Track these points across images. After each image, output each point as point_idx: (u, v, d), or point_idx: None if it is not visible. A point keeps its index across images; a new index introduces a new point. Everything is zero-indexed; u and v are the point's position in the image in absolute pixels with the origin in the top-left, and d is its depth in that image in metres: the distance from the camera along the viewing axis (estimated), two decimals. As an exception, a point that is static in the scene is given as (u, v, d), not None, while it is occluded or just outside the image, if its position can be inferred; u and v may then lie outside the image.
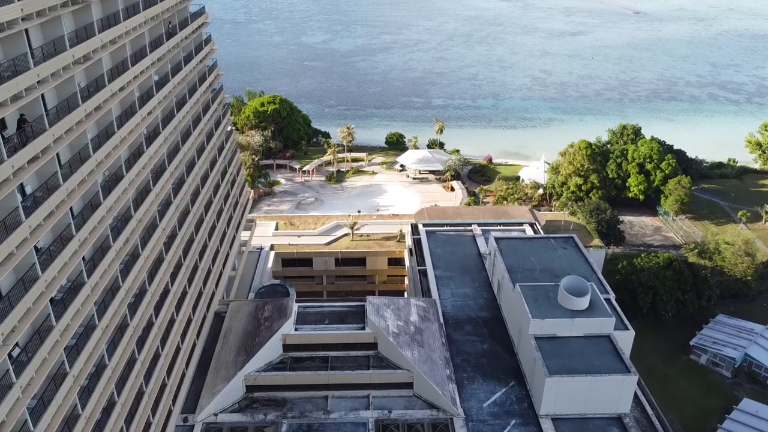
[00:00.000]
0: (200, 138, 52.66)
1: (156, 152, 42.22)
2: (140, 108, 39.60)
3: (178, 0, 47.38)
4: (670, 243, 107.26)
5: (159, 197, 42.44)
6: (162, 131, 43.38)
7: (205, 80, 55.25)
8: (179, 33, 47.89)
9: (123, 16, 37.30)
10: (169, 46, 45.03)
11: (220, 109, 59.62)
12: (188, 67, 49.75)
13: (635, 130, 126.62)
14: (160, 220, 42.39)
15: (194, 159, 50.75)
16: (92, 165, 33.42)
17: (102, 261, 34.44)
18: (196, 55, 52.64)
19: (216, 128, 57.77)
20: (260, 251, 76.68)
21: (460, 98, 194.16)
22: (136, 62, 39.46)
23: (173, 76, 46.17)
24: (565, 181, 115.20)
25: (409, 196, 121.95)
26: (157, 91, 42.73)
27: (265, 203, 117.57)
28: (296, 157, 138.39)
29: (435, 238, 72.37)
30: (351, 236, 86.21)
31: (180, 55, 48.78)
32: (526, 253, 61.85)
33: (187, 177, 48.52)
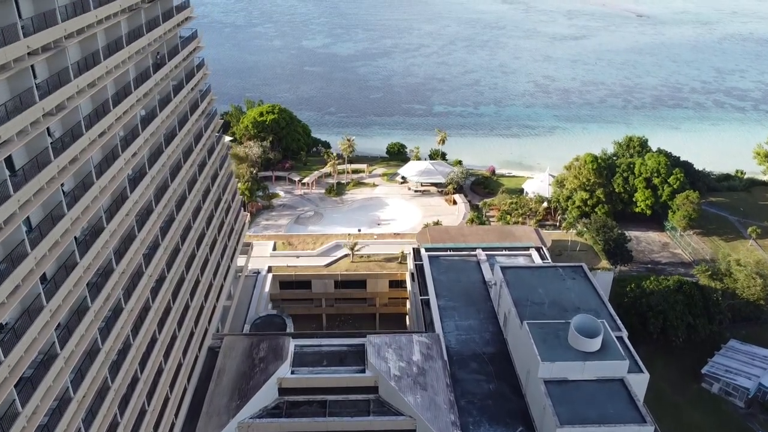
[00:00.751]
0: (191, 171, 50.12)
1: (141, 195, 39.69)
2: (123, 151, 37.07)
3: (167, 30, 44.70)
4: (679, 260, 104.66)
5: (145, 243, 39.97)
6: (148, 171, 40.85)
7: (197, 108, 52.68)
8: (168, 63, 45.36)
9: (104, 55, 34.73)
10: (156, 79, 42.48)
11: (213, 136, 57.08)
12: (178, 97, 47.19)
13: (641, 142, 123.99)
14: (146, 267, 39.89)
15: (185, 194, 48.23)
16: (66, 224, 30.83)
17: (78, 327, 31.76)
18: (187, 83, 50.09)
19: (209, 156, 55.25)
20: (257, 275, 74.15)
21: (462, 105, 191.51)
22: (119, 102, 36.86)
23: (161, 110, 43.61)
24: (570, 196, 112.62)
25: (411, 210, 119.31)
26: (143, 129, 40.19)
27: (264, 217, 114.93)
28: (296, 168, 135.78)
29: (438, 264, 69.81)
30: (351, 257, 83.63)
31: (169, 86, 46.23)
32: (533, 284, 59.26)
33: (177, 214, 46.01)
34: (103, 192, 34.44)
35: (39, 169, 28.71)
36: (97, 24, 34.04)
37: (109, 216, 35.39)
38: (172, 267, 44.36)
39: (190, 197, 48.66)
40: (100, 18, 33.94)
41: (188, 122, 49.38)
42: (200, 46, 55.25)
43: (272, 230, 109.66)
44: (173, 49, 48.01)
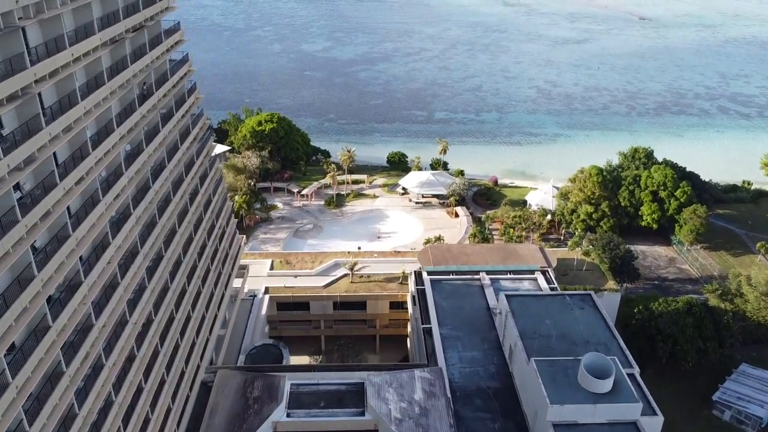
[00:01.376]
0: (182, 203, 47.75)
1: (125, 239, 37.30)
2: (105, 195, 34.61)
3: (154, 57, 42.30)
4: (686, 276, 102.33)
5: (129, 289, 37.50)
6: (133, 212, 38.48)
7: (189, 135, 50.29)
8: (156, 93, 42.96)
9: (81, 95, 32.35)
10: (142, 112, 40.12)
11: (206, 161, 54.73)
12: (167, 127, 44.80)
13: (647, 153, 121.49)
14: (130, 315, 37.48)
15: (174, 228, 45.87)
16: (38, 286, 28.38)
17: (51, 395, 29.35)
18: (178, 111, 47.68)
19: (202, 183, 52.90)
20: (253, 299, 71.79)
21: (463, 111, 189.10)
22: (100, 142, 34.42)
23: (148, 144, 41.24)
24: (574, 209, 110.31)
25: (412, 223, 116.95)
26: (126, 168, 37.77)
27: (262, 230, 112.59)
28: (295, 179, 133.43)
29: (440, 289, 67.45)
30: (351, 277, 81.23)
31: (157, 116, 43.84)
32: (540, 313, 56.90)
33: (166, 251, 43.68)
34: (81, 243, 32.04)
35: (3, 231, 26.34)
36: (73, 62, 31.68)
37: (88, 268, 32.99)
38: (160, 309, 42.01)
39: (180, 231, 46.32)
40: (77, 55, 31.67)
41: (178, 152, 47.03)
42: (191, 70, 52.73)
43: (270, 244, 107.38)
44: (162, 76, 45.59)
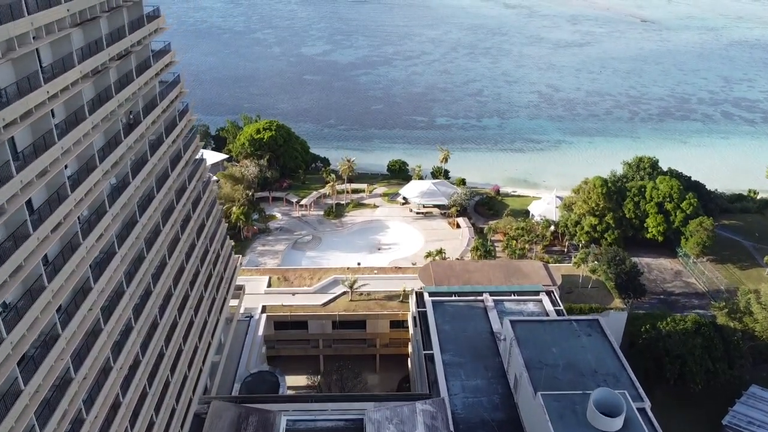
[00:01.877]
0: (172, 232, 45.69)
1: (110, 281, 35.22)
2: (85, 238, 32.40)
3: (142, 84, 40.15)
4: (692, 291, 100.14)
5: (112, 336, 35.28)
6: (118, 250, 36.43)
7: (180, 160, 48.21)
8: (144, 121, 40.89)
9: (59, 134, 30.25)
10: (128, 143, 38.08)
11: (199, 185, 52.66)
12: (156, 155, 42.69)
13: (652, 163, 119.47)
14: (114, 361, 35.36)
15: (164, 260, 43.84)
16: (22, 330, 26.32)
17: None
18: (168, 137, 45.58)
19: (194, 209, 50.83)
20: (250, 320, 69.78)
21: (464, 117, 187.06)
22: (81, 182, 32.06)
23: (134, 177, 39.15)
24: (578, 221, 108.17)
25: (412, 235, 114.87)
26: (110, 205, 35.62)
27: (260, 242, 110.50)
28: (294, 187, 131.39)
29: (442, 311, 65.43)
30: (350, 295, 79.19)
31: (145, 145, 41.76)
32: (546, 341, 54.87)
33: (155, 286, 41.62)
34: (58, 294, 29.89)
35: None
36: (50, 100, 29.59)
37: (67, 318, 30.88)
38: (149, 348, 39.88)
39: (170, 263, 44.30)
40: (53, 92, 29.62)
41: (169, 179, 44.94)
42: (183, 91, 50.58)
43: (269, 256, 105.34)
44: (151, 101, 43.49)
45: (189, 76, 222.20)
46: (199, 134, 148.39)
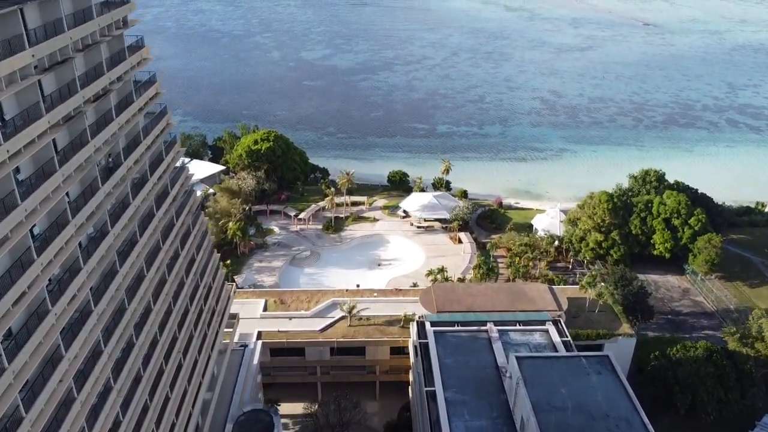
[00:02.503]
0: (158, 276, 42.92)
1: (84, 345, 32.33)
2: (54, 305, 29.42)
3: (123, 123, 37.34)
4: (701, 310, 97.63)
5: (89, 401, 32.49)
6: (94, 308, 33.62)
7: (167, 197, 45.42)
8: (125, 162, 38.12)
9: (22, 195, 27.47)
10: (107, 190, 35.31)
11: (189, 219, 49.92)
12: (139, 197, 39.78)
13: (658, 177, 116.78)
14: (97, 419, 32.66)
15: (149, 306, 41.12)
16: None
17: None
18: (152, 175, 42.78)
19: (183, 245, 48.05)
20: (244, 349, 67.02)
21: (465, 124, 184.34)
22: (53, 239, 29.17)
23: (113, 226, 36.34)
24: (583, 236, 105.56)
25: (413, 250, 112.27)
26: (86, 261, 32.64)
27: (257, 258, 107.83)
28: (292, 199, 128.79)
29: (445, 342, 62.75)
30: (349, 321, 76.52)
31: (126, 188, 38.95)
32: (554, 380, 52.17)
33: (138, 338, 38.81)
34: (21, 374, 27.12)
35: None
36: (10, 159, 26.63)
37: (32, 398, 28.12)
38: (131, 404, 37.16)
39: (155, 309, 41.53)
40: (14, 151, 26.72)
41: (154, 219, 42.10)
42: (171, 123, 47.78)
43: (266, 273, 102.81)
44: (134, 139, 40.70)
45: (187, 81, 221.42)
46: (199, 142, 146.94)
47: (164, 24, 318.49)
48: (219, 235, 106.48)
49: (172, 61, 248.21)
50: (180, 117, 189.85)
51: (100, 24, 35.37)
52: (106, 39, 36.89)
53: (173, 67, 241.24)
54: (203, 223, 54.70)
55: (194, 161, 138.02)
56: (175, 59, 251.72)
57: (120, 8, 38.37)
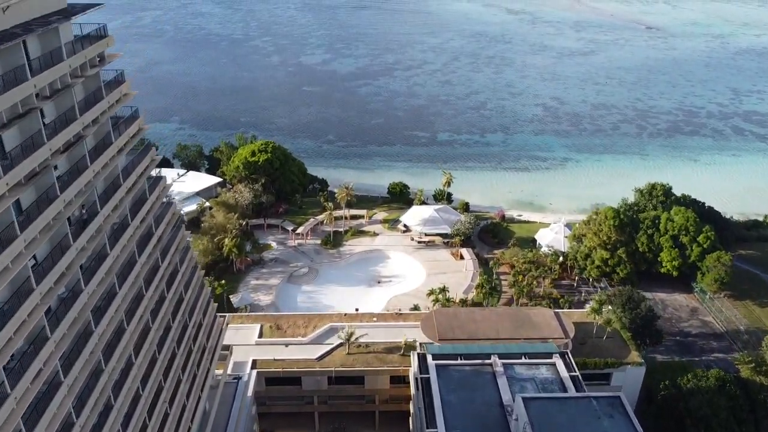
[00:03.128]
0: (140, 327, 40.05)
1: (58, 411, 29.65)
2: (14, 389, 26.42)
3: (98, 169, 34.30)
4: (710, 331, 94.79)
5: None
6: (64, 380, 30.56)
7: (151, 237, 42.51)
8: (101, 211, 35.18)
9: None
10: (80, 246, 32.36)
11: (177, 256, 47.09)
12: (117, 248, 36.74)
13: (665, 191, 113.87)
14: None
15: (131, 360, 38.29)
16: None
17: None
18: (134, 219, 39.81)
19: (170, 286, 45.10)
20: (237, 382, 64.22)
21: (467, 132, 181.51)
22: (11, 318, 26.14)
23: (87, 284, 33.27)
24: (589, 254, 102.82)
25: (414, 266, 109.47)
26: (53, 330, 29.36)
27: (254, 275, 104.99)
28: (290, 212, 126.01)
29: (447, 377, 59.96)
30: (347, 348, 73.73)
31: (103, 239, 36.02)
32: (563, 423, 49.49)
33: (116, 400, 35.78)
34: None
35: None
36: None
37: None
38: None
39: (137, 363, 38.63)
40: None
41: (136, 266, 39.15)
42: (155, 158, 44.83)
43: (262, 292, 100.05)
44: (112, 184, 37.68)
45: (185, 86, 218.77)
46: (195, 153, 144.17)
47: (163, 27, 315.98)
48: (214, 252, 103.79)
49: (170, 66, 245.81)
50: (177, 125, 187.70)
51: (71, 65, 32.44)
52: (79, 81, 33.96)
53: (171, 71, 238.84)
54: (192, 258, 51.89)
55: (190, 173, 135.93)
56: (173, 64, 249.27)
57: (94, 45, 35.35)
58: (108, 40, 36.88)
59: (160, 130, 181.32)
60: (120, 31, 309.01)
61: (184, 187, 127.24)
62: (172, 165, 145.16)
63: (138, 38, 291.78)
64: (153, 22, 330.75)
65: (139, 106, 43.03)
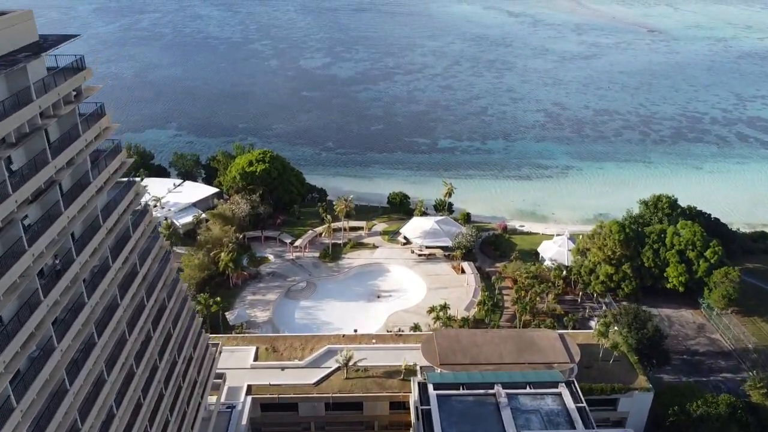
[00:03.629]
0: (125, 370, 37.60)
1: None
2: None
3: (70, 218, 31.46)
4: (718, 349, 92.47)
5: None
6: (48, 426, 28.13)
7: (135, 278, 40.00)
8: (77, 260, 32.58)
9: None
10: (50, 302, 29.80)
11: (165, 289, 44.60)
12: (95, 297, 34.05)
13: (671, 203, 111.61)
14: None
15: (112, 411, 35.87)
16: None
17: None
18: (115, 262, 37.27)
19: (156, 326, 42.57)
20: (231, 411, 61.83)
21: (468, 139, 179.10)
22: None
23: (61, 340, 30.61)
24: (593, 269, 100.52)
25: (414, 281, 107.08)
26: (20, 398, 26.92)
27: (250, 290, 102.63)
28: (288, 223, 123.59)
29: (449, 408, 57.64)
30: (345, 373, 71.38)
31: (81, 287, 33.51)
32: (570, 463, 47.04)
33: None
34: None
35: None
36: None
37: None
38: None
39: (118, 415, 36.17)
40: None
41: (118, 309, 36.74)
42: (140, 192, 42.18)
43: (259, 308, 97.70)
44: (91, 226, 35.06)
45: (183, 91, 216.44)
46: (192, 162, 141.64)
47: (162, 30, 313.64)
48: (210, 266, 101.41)
49: (167, 70, 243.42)
50: (174, 130, 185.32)
51: (41, 105, 29.97)
52: (52, 120, 31.39)
53: (169, 76, 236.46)
54: (182, 291, 49.40)
55: (187, 183, 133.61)
56: (171, 68, 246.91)
57: (70, 80, 32.79)
58: (85, 73, 34.26)
59: (157, 137, 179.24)
60: (118, 34, 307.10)
61: (180, 198, 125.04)
62: (169, 174, 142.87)
63: (136, 41, 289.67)
64: (151, 24, 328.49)
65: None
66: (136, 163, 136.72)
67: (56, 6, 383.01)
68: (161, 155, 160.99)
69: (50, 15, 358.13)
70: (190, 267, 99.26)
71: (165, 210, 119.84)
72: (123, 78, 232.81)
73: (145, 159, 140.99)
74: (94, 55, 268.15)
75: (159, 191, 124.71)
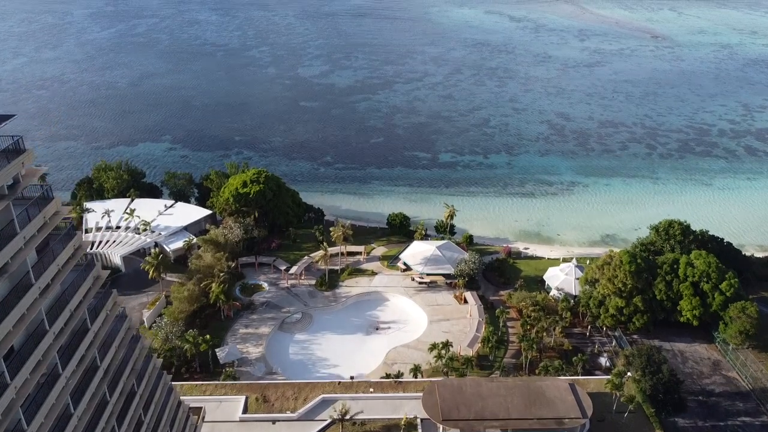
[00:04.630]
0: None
1: None
2: None
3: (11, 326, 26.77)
4: (735, 389, 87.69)
5: None
6: None
7: (96, 371, 35.32)
8: (35, 352, 27.68)
9: None
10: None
11: (132, 377, 39.78)
12: (54, 392, 29.33)
13: (683, 229, 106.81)
14: None
15: None
16: None
17: None
18: (80, 346, 32.29)
19: (125, 413, 37.98)
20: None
21: (470, 153, 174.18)
22: None
23: None
24: (603, 301, 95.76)
25: (415, 312, 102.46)
26: None
27: (242, 322, 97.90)
28: (283, 247, 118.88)
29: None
30: (341, 427, 66.64)
31: (18, 414, 28.66)
32: None
33: None
34: None
35: None
36: None
37: None
38: None
39: None
40: None
41: (82, 402, 31.87)
42: (101, 275, 37.13)
43: (251, 342, 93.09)
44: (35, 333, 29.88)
45: (178, 101, 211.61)
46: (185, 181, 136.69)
47: (158, 36, 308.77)
48: (200, 298, 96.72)
49: (162, 79, 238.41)
50: (168, 144, 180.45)
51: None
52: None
53: (164, 85, 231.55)
54: (155, 368, 44.59)
55: (179, 204, 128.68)
56: (166, 77, 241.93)
57: (6, 168, 27.64)
58: (26, 155, 29.11)
59: (150, 151, 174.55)
60: (114, 39, 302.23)
61: (171, 221, 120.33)
62: (161, 193, 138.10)
63: (132, 48, 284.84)
64: (148, 30, 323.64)
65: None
66: (127, 183, 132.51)
67: (52, 11, 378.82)
68: (154, 171, 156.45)
69: (46, 20, 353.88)
70: (179, 299, 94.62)
71: (155, 234, 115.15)
72: (117, 87, 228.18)
73: (137, 177, 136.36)
74: (89, 62, 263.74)
75: (150, 214, 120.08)
